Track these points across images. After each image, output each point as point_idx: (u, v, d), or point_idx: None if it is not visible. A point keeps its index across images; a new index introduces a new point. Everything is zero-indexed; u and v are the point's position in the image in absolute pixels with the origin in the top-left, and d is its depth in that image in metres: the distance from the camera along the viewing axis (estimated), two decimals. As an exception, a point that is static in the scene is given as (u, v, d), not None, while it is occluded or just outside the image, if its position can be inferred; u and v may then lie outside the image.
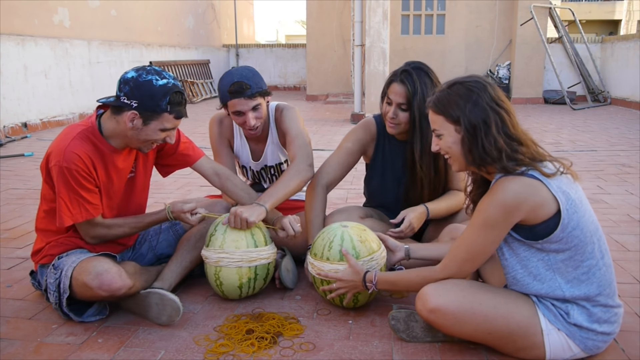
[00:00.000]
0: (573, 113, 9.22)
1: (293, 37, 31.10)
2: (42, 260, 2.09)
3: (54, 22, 7.86)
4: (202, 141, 3.53)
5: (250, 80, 2.30)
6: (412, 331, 1.86)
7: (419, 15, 11.40)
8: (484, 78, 1.67)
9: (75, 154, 1.94)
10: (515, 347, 1.67)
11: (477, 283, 1.74)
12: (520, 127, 1.64)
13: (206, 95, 12.10)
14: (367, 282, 1.91)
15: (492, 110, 1.59)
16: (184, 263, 2.21)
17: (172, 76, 1.97)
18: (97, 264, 1.93)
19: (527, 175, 1.56)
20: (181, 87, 1.98)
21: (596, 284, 1.62)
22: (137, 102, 1.91)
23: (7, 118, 6.75)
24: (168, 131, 1.99)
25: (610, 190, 3.96)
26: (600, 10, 26.63)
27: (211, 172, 2.34)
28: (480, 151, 1.60)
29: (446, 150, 1.69)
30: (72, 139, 1.96)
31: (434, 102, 1.69)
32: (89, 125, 2.02)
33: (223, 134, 2.57)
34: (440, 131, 1.68)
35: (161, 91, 1.91)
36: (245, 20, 17.56)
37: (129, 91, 1.91)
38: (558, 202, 1.55)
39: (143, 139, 1.99)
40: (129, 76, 1.93)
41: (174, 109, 1.94)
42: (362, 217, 2.39)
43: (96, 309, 2.04)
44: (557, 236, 1.57)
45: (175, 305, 1.97)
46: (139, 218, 2.17)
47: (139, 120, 1.94)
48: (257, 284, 2.18)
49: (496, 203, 1.56)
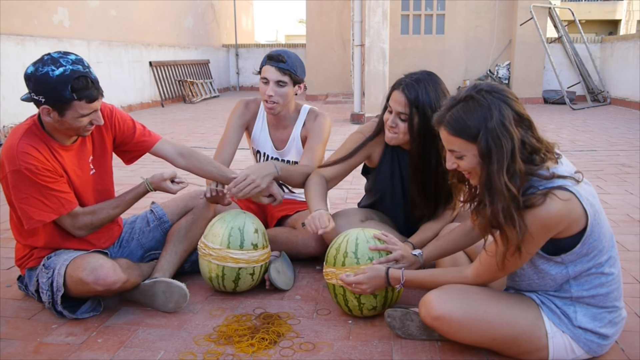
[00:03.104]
0: (573, 113, 9.22)
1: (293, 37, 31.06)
2: (29, 263, 2.09)
3: (53, 22, 7.86)
4: (201, 141, 3.53)
5: (290, 59, 2.39)
6: (407, 329, 1.86)
7: (419, 15, 11.40)
8: (499, 87, 1.55)
9: (26, 153, 1.89)
10: (519, 350, 1.67)
11: (481, 288, 1.72)
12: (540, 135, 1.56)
13: (206, 95, 12.09)
14: (392, 278, 1.85)
15: (516, 127, 1.50)
16: (178, 252, 2.26)
17: (72, 60, 1.86)
18: (92, 260, 1.95)
19: (565, 189, 1.49)
20: (83, 69, 1.86)
21: (606, 285, 1.61)
22: (43, 97, 1.84)
23: (7, 118, 6.75)
24: (89, 115, 1.92)
25: (609, 190, 3.96)
26: (600, 10, 26.61)
27: (173, 153, 2.27)
28: (517, 173, 1.49)
29: (468, 169, 1.59)
30: (20, 139, 1.91)
31: (449, 122, 1.55)
32: (32, 124, 1.97)
33: (245, 115, 2.62)
34: (462, 153, 1.56)
35: (60, 81, 1.81)
36: (244, 20, 17.55)
37: (33, 87, 1.84)
38: (587, 216, 1.52)
39: (70, 128, 1.94)
40: (29, 72, 1.85)
41: (81, 95, 1.84)
42: (362, 220, 2.37)
43: (90, 306, 2.05)
44: (579, 249, 1.55)
45: (183, 292, 2.03)
46: (120, 197, 2.15)
47: (54, 113, 1.88)
48: (226, 283, 2.19)
49: (539, 221, 1.48)
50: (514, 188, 1.47)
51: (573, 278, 1.60)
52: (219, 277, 2.19)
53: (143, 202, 2.36)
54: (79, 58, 1.89)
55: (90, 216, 2.07)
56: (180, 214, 2.41)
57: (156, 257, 2.32)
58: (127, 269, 2.05)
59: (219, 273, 2.18)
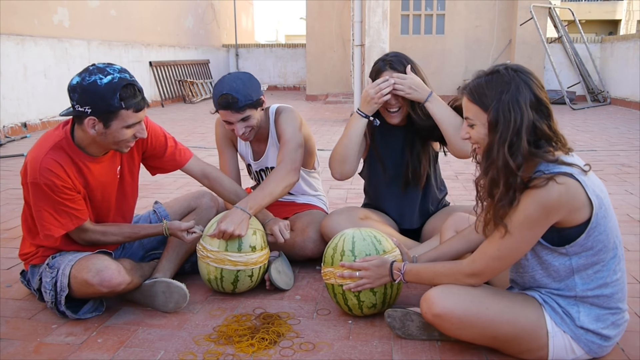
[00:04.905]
0: (573, 113, 9.22)
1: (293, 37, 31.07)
2: (33, 260, 2.09)
3: (53, 22, 7.86)
4: (201, 141, 3.53)
5: (239, 92, 2.26)
6: (407, 329, 1.86)
7: (419, 15, 11.40)
8: (527, 69, 1.58)
9: (49, 170, 1.89)
10: (519, 349, 1.67)
11: (483, 286, 1.71)
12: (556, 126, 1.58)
13: (206, 95, 12.10)
14: (395, 268, 1.86)
15: (531, 109, 1.52)
16: (180, 253, 2.26)
17: (117, 69, 1.87)
18: (97, 262, 1.95)
19: (568, 174, 1.49)
20: (130, 77, 1.88)
21: (611, 287, 1.61)
22: (90, 108, 1.84)
23: (6, 118, 6.75)
24: (134, 126, 1.92)
25: (609, 190, 3.95)
26: (600, 10, 26.62)
27: (200, 175, 2.34)
28: (521, 151, 1.51)
29: (477, 140, 1.61)
30: (46, 152, 1.92)
31: (470, 89, 1.60)
32: (63, 137, 1.96)
33: (227, 134, 2.58)
34: (474, 121, 1.60)
35: (109, 89, 1.82)
36: (244, 20, 17.55)
37: (79, 98, 1.84)
38: (592, 206, 1.52)
39: (113, 141, 1.94)
40: (74, 82, 1.85)
41: (129, 104, 1.85)
42: (362, 218, 2.38)
43: (92, 306, 2.05)
44: (583, 240, 1.55)
45: (183, 292, 2.03)
46: (135, 229, 2.16)
47: (99, 125, 1.88)
48: (225, 285, 2.19)
49: (538, 202, 1.49)
50: (514, 164, 1.50)
51: (577, 273, 1.59)
52: (218, 280, 2.19)
53: (146, 202, 2.36)
54: (124, 68, 1.91)
55: (100, 236, 2.09)
56: (182, 214, 2.41)
57: (157, 257, 2.33)
58: (130, 270, 2.05)
59: (217, 275, 2.18)
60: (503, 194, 1.53)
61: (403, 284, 1.91)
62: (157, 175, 2.40)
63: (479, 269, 1.64)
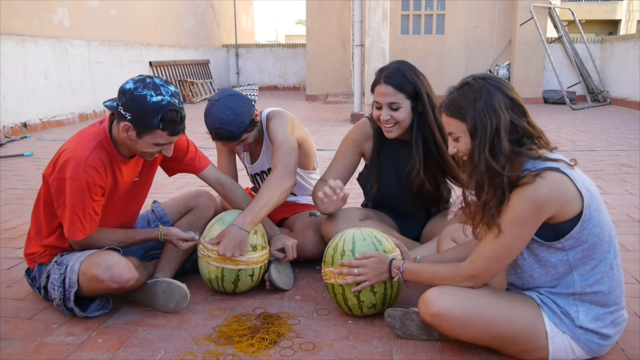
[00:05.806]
0: (573, 113, 9.22)
1: (293, 37, 31.06)
2: (41, 259, 2.10)
3: (53, 22, 7.86)
4: (202, 141, 3.53)
5: (232, 124, 2.26)
6: (407, 329, 1.86)
7: (419, 15, 11.39)
8: (493, 76, 1.63)
9: (94, 168, 1.94)
10: (518, 349, 1.67)
11: (481, 287, 1.71)
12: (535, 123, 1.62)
13: (206, 95, 12.09)
14: (393, 266, 1.87)
15: (506, 110, 1.56)
16: (179, 252, 2.26)
17: (170, 92, 1.91)
18: (107, 257, 1.96)
19: (555, 169, 1.53)
20: (179, 104, 1.92)
21: (608, 282, 1.62)
22: (130, 115, 1.88)
23: (6, 118, 6.75)
24: (163, 146, 1.97)
25: (609, 190, 3.96)
26: (600, 10, 26.62)
27: (215, 182, 2.36)
28: (503, 152, 1.55)
29: (465, 152, 1.64)
30: (92, 150, 1.95)
31: (446, 105, 1.65)
32: (103, 136, 2.00)
33: None
34: (457, 134, 1.64)
35: (154, 108, 1.86)
36: (244, 20, 17.56)
37: (125, 103, 1.89)
38: (583, 199, 1.54)
39: (139, 150, 1.99)
40: (127, 87, 1.90)
41: (167, 127, 1.90)
42: (361, 219, 2.38)
43: (99, 304, 2.06)
44: (577, 233, 1.56)
45: (183, 292, 2.05)
46: (131, 234, 2.16)
47: (132, 132, 1.92)
48: (226, 284, 2.19)
49: (527, 199, 1.51)
50: (497, 165, 1.54)
51: (575, 269, 1.60)
52: (218, 279, 2.19)
53: (145, 201, 2.36)
54: (177, 92, 1.95)
55: (94, 242, 2.07)
56: (181, 213, 2.42)
57: (157, 257, 2.33)
58: (138, 267, 2.07)
59: (218, 275, 2.18)
60: (491, 195, 1.57)
61: (403, 284, 1.91)
62: (157, 175, 2.40)
63: (477, 270, 1.66)
